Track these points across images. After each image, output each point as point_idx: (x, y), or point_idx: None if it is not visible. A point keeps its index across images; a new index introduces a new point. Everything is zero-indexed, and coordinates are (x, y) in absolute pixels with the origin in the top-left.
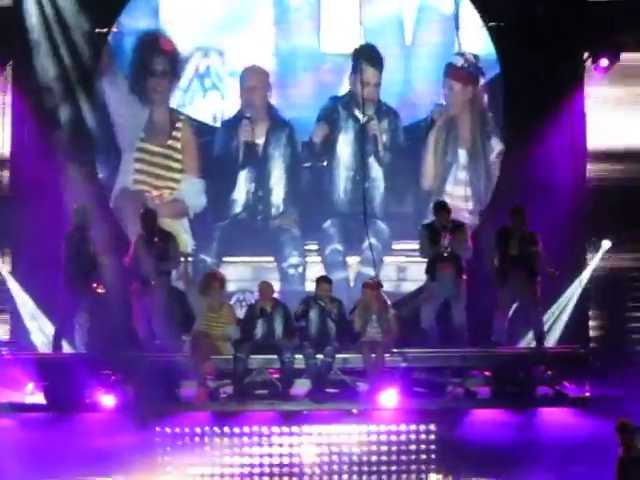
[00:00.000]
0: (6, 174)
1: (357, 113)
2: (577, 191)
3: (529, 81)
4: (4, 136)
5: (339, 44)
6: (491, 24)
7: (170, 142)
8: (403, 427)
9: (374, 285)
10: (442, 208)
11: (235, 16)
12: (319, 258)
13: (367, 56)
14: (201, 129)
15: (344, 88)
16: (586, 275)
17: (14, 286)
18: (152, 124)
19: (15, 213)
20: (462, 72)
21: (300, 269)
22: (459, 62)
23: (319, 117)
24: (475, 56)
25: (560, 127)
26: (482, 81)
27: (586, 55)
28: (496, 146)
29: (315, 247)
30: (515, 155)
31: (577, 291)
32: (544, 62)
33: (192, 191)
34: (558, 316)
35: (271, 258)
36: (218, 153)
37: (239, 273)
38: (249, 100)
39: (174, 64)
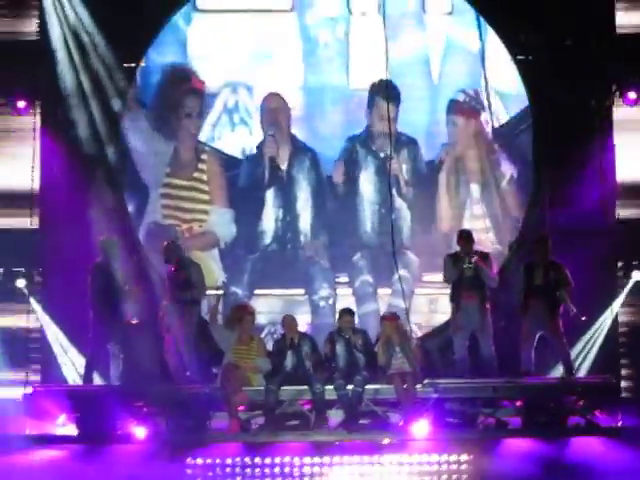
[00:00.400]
0: (36, 208)
1: (375, 149)
2: (607, 223)
3: (557, 114)
4: (34, 171)
5: (367, 80)
6: (519, 57)
7: (196, 174)
8: (435, 457)
9: (392, 317)
10: (465, 237)
11: (263, 51)
12: (349, 290)
13: (383, 91)
14: (228, 162)
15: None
16: (617, 305)
17: (44, 318)
18: (177, 159)
19: (45, 246)
20: (464, 106)
21: (330, 301)
22: (460, 97)
23: (338, 157)
24: (475, 91)
25: (589, 160)
26: (483, 115)
27: (614, 88)
28: (507, 172)
29: (345, 279)
30: (545, 188)
31: (608, 321)
32: (572, 95)
33: (221, 221)
34: (590, 346)
35: (302, 290)
36: (244, 182)
37: (270, 306)
38: (272, 120)
39: (204, 102)
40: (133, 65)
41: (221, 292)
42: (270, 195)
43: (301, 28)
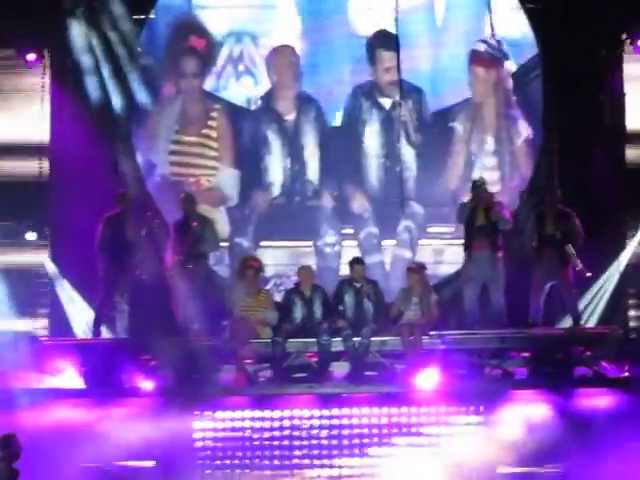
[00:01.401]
0: (46, 160)
1: (380, 100)
2: (616, 173)
3: (567, 63)
4: (44, 123)
5: (369, 26)
6: (529, 6)
7: (205, 131)
8: (442, 408)
9: (417, 269)
10: (479, 185)
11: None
12: (354, 242)
13: (380, 42)
14: (237, 113)
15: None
16: (625, 257)
17: (53, 271)
18: (185, 114)
19: (55, 199)
20: (485, 57)
21: (336, 248)
22: (482, 48)
23: (344, 113)
24: (498, 40)
25: (599, 108)
26: (507, 65)
27: (624, 36)
28: (523, 131)
29: (350, 230)
30: (553, 137)
31: (616, 273)
32: (582, 44)
33: (229, 182)
34: (599, 297)
35: (308, 242)
36: (250, 137)
37: (276, 257)
38: (280, 72)
39: (206, 60)
40: (142, 17)
41: (226, 244)
42: (276, 146)
43: None
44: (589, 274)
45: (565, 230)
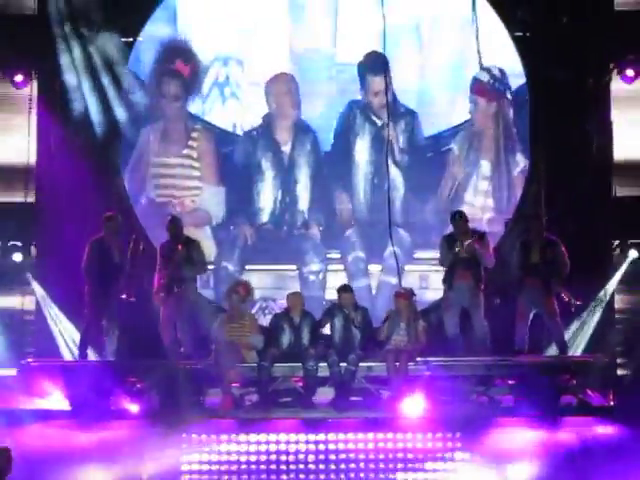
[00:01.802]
0: (33, 182)
1: (374, 118)
2: (603, 202)
3: (555, 92)
4: (30, 144)
5: (356, 52)
6: (517, 34)
7: (186, 151)
8: (429, 435)
9: (406, 294)
10: (458, 218)
11: (253, 25)
12: (341, 266)
13: (369, 66)
14: (221, 137)
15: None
16: (612, 285)
17: (40, 292)
18: (167, 136)
19: (42, 221)
20: (487, 87)
21: (321, 276)
22: (484, 77)
23: (338, 125)
24: (501, 70)
25: (586, 137)
26: (509, 96)
27: (612, 65)
28: (521, 162)
29: (337, 255)
30: (540, 165)
31: (602, 301)
32: (570, 72)
33: (213, 200)
34: (585, 326)
35: (293, 266)
36: (241, 161)
37: (261, 281)
38: (279, 101)
39: (188, 86)
40: (131, 39)
41: (212, 267)
42: (270, 175)
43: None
44: (579, 302)
45: (551, 259)
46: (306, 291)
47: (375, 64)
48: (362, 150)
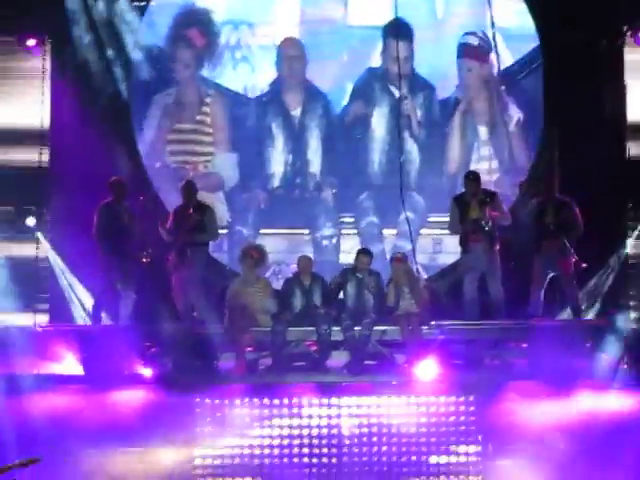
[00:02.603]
0: (47, 147)
1: (392, 88)
2: (616, 164)
3: (568, 54)
4: (44, 109)
5: (367, 16)
6: None
7: (199, 117)
8: (442, 399)
9: (401, 258)
10: (472, 178)
11: None
12: (354, 230)
13: (395, 31)
14: (233, 100)
15: (374, 60)
16: (626, 248)
17: (53, 258)
18: (180, 102)
19: (55, 185)
20: (478, 51)
21: (334, 240)
22: (472, 41)
23: (354, 92)
24: (484, 32)
25: (600, 100)
26: (492, 56)
27: (625, 27)
28: (514, 115)
29: (350, 219)
30: (554, 129)
31: (616, 264)
32: (583, 35)
33: (226, 164)
34: (599, 287)
35: (306, 230)
36: (252, 125)
37: (275, 245)
38: (291, 69)
39: (201, 53)
40: (143, 3)
41: (225, 231)
42: (280, 139)
43: None
44: (584, 265)
45: (565, 220)
46: (319, 255)
47: (401, 29)
48: (378, 118)
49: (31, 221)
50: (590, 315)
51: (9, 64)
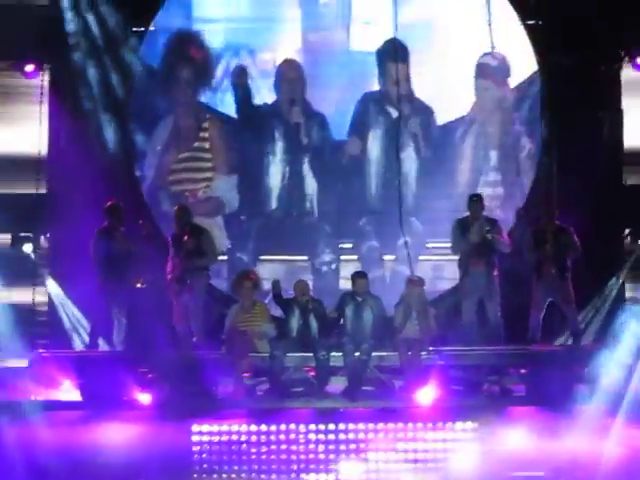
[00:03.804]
0: (43, 172)
1: (389, 109)
2: (614, 189)
3: (566, 79)
4: (42, 135)
5: (369, 41)
6: (529, 22)
7: (197, 144)
8: (439, 424)
9: (417, 281)
10: (475, 201)
11: (264, 14)
12: (353, 256)
13: (391, 53)
14: (231, 126)
15: (373, 83)
16: (622, 273)
17: (51, 284)
18: (178, 130)
19: (52, 211)
20: (494, 71)
21: (333, 266)
22: (491, 61)
23: (352, 124)
24: (502, 55)
25: (597, 124)
26: (509, 80)
27: (623, 53)
28: (526, 145)
29: (349, 245)
30: (551, 153)
31: (614, 289)
32: (581, 60)
33: (226, 187)
34: (596, 313)
35: (305, 257)
36: (251, 149)
37: (274, 271)
38: (288, 87)
39: (200, 72)
40: (142, 29)
41: (225, 257)
42: (278, 162)
43: None
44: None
45: (564, 246)
46: (319, 281)
47: (396, 51)
48: (374, 140)
49: (28, 248)
50: (588, 340)
51: (7, 90)
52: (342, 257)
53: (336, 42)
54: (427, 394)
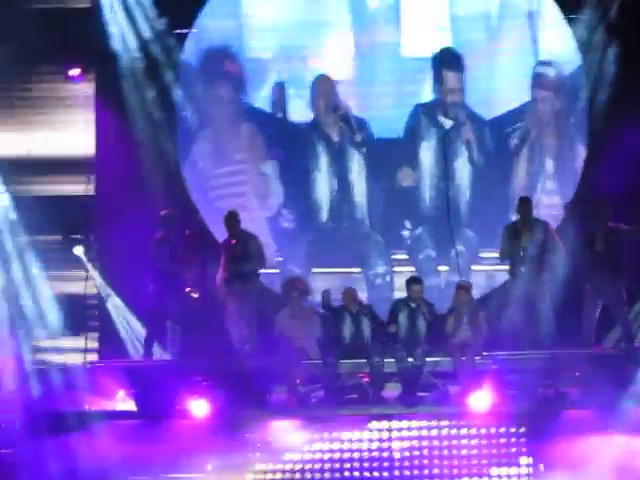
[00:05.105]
0: (92, 174)
1: (441, 119)
2: None
3: (610, 73)
4: (89, 138)
5: (420, 47)
6: (572, 17)
7: (239, 157)
8: (494, 429)
9: (466, 286)
10: (526, 203)
11: (314, 20)
12: (406, 268)
13: (447, 61)
14: (274, 134)
15: (426, 91)
16: None
17: (103, 286)
18: (219, 146)
19: (102, 214)
20: (552, 81)
21: (387, 278)
22: (549, 71)
23: (404, 131)
24: (557, 62)
25: None
26: (566, 88)
27: None
28: (582, 152)
29: (404, 256)
30: (598, 150)
31: None
32: (625, 53)
33: (271, 202)
34: None
35: (358, 269)
36: (295, 159)
37: (327, 283)
38: (326, 103)
39: (239, 85)
40: (185, 31)
41: (277, 270)
42: (323, 173)
43: None
44: None
45: (615, 247)
46: (374, 293)
47: (452, 59)
48: (426, 151)
49: (79, 250)
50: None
51: (56, 93)
52: (396, 269)
53: (388, 47)
54: (482, 399)
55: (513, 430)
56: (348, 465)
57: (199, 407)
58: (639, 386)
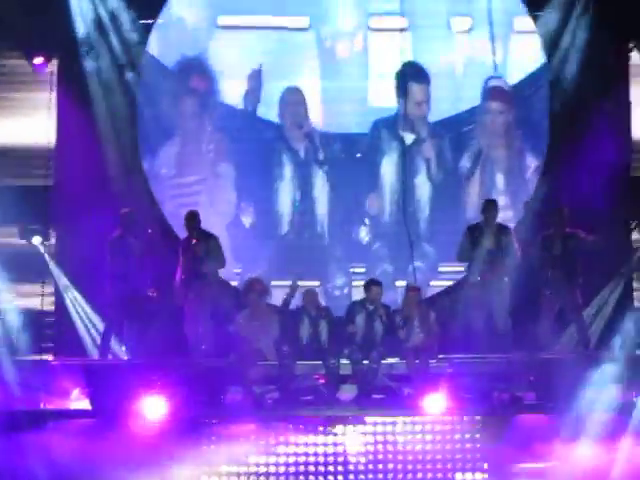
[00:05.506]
0: (52, 165)
1: (402, 134)
2: (621, 183)
3: (573, 71)
4: (50, 127)
5: (387, 96)
6: (536, 13)
7: (203, 167)
8: (448, 433)
9: (416, 289)
10: (493, 205)
11: (281, 69)
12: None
13: (412, 74)
14: (240, 147)
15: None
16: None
17: (61, 279)
18: (183, 157)
19: (61, 204)
20: (504, 93)
21: (346, 290)
22: (503, 85)
23: (366, 151)
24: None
25: (605, 118)
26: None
27: (631, 45)
28: (532, 163)
29: (362, 269)
30: (559, 147)
31: (618, 289)
32: (589, 51)
33: (232, 213)
34: (597, 316)
35: (317, 282)
36: (259, 172)
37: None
38: (294, 114)
39: (207, 101)
40: (150, 22)
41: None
42: (286, 183)
43: (318, 44)
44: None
45: (573, 251)
46: (332, 305)
47: (419, 73)
48: (387, 165)
49: (37, 240)
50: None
51: (16, 83)
52: (354, 283)
53: (354, 97)
54: (437, 402)
55: (468, 436)
56: (302, 468)
57: (154, 406)
58: (594, 390)
